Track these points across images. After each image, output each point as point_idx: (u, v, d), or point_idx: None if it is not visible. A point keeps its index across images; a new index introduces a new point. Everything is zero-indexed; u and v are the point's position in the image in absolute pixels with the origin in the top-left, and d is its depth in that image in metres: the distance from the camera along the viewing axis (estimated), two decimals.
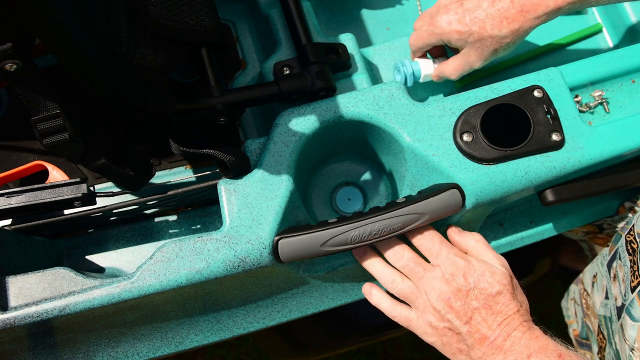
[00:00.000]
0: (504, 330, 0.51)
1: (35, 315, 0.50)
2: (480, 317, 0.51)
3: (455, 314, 0.52)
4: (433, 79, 0.67)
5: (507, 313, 0.51)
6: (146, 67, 0.56)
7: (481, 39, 0.58)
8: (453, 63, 0.63)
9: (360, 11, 0.78)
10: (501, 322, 0.51)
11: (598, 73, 0.62)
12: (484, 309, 0.51)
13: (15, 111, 0.65)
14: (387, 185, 0.68)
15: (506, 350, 0.50)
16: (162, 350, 0.61)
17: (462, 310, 0.51)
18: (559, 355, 0.49)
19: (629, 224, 0.62)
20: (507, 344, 0.50)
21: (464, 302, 0.52)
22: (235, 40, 0.71)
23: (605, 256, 0.66)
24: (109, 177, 0.61)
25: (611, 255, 0.64)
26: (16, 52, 0.45)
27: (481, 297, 0.52)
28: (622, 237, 0.61)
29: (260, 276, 0.57)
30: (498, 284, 0.52)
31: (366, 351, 1.37)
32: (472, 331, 0.51)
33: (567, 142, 0.57)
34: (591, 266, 0.72)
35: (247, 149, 0.57)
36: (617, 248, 0.62)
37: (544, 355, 0.49)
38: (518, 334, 0.51)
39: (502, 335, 0.51)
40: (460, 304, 0.52)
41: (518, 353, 0.50)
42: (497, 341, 0.51)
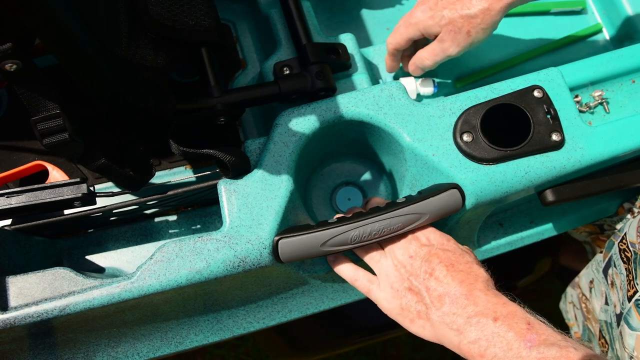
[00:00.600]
0: (466, 289, 0.47)
1: (35, 315, 0.50)
2: (441, 274, 0.49)
3: (416, 272, 0.50)
4: (410, 70, 0.67)
5: (470, 273, 0.49)
6: (146, 67, 0.56)
7: (452, 20, 0.59)
8: (428, 48, 0.63)
9: (360, 11, 0.78)
10: (463, 280, 0.48)
11: (598, 73, 0.62)
12: (445, 266, 0.49)
13: (15, 111, 0.65)
14: (387, 185, 0.68)
15: (469, 312, 0.46)
16: (162, 350, 0.61)
17: (423, 267, 0.50)
18: (527, 322, 0.45)
19: (620, 231, 0.61)
20: (469, 304, 0.47)
21: (426, 259, 0.50)
22: (235, 40, 0.71)
23: (599, 262, 0.66)
24: (109, 177, 0.61)
25: (605, 262, 0.64)
26: (16, 52, 0.45)
27: (443, 255, 0.50)
28: (614, 244, 0.61)
29: (260, 276, 0.57)
30: (461, 249, 0.52)
31: (366, 351, 1.37)
32: (432, 288, 0.49)
33: (567, 142, 0.57)
34: (586, 271, 0.72)
35: (247, 149, 0.57)
36: (611, 255, 0.62)
37: (512, 320, 0.45)
38: (482, 295, 0.47)
39: (463, 293, 0.47)
40: (421, 262, 0.50)
41: (482, 315, 0.46)
42: (459, 299, 0.47)
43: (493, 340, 0.44)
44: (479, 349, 0.45)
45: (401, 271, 0.51)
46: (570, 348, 0.42)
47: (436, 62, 0.63)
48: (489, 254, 0.70)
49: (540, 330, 0.44)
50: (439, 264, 0.50)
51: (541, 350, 0.42)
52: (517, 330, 0.44)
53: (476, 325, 0.45)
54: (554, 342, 0.43)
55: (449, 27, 0.60)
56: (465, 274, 0.49)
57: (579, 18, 0.78)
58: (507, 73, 0.74)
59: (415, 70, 0.66)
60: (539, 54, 0.75)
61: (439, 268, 0.49)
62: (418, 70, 0.66)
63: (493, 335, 0.44)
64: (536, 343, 0.43)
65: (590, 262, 0.71)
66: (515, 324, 0.45)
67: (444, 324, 0.47)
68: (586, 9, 0.78)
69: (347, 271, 0.55)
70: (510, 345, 0.43)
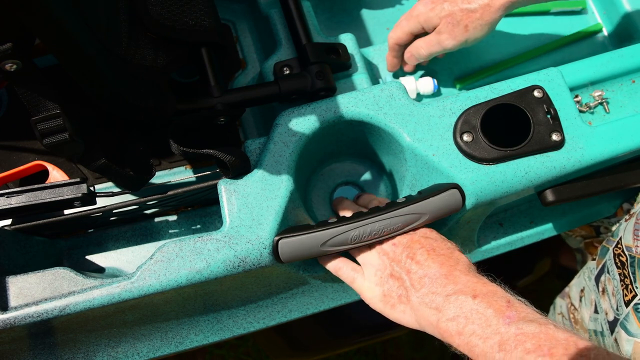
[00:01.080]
0: (446, 270, 0.47)
1: (35, 315, 0.50)
2: (422, 258, 0.49)
3: (398, 258, 0.50)
4: (406, 57, 0.67)
5: (451, 257, 0.49)
6: (146, 67, 0.56)
7: (452, 13, 0.60)
8: (425, 38, 0.64)
9: (360, 11, 0.78)
10: (444, 263, 0.48)
11: (598, 73, 0.62)
12: (426, 251, 0.49)
13: (15, 111, 0.65)
14: (387, 185, 0.68)
15: (448, 290, 0.46)
16: (162, 350, 0.61)
17: (404, 252, 0.50)
18: (507, 301, 0.44)
19: (614, 236, 0.61)
20: (449, 283, 0.47)
21: (407, 245, 0.51)
22: (235, 40, 0.71)
23: (592, 270, 0.66)
24: (109, 177, 0.61)
25: (599, 269, 0.64)
26: (16, 52, 0.45)
27: (424, 241, 0.50)
28: (609, 250, 0.61)
29: (261, 276, 0.57)
30: (442, 238, 0.52)
31: (366, 351, 1.37)
32: (412, 271, 0.49)
33: (567, 142, 0.57)
34: (577, 280, 0.71)
35: (247, 149, 0.57)
36: (605, 261, 0.62)
37: (491, 299, 0.44)
38: (462, 275, 0.47)
39: (443, 274, 0.47)
40: (403, 248, 0.51)
41: (461, 292, 0.45)
42: (439, 280, 0.47)
43: (472, 317, 0.44)
44: (457, 325, 0.44)
45: (383, 259, 0.52)
46: (549, 325, 0.41)
47: (431, 52, 0.64)
48: (489, 254, 0.70)
49: (520, 308, 0.44)
50: (420, 249, 0.50)
51: (520, 325, 0.42)
52: (496, 307, 0.43)
53: (455, 302, 0.45)
54: (533, 319, 0.42)
55: (447, 19, 0.61)
56: (446, 257, 0.49)
57: (579, 18, 0.78)
58: (507, 73, 0.74)
59: (410, 59, 0.67)
60: (539, 54, 0.75)
61: (420, 252, 0.50)
62: (413, 59, 0.67)
63: (472, 312, 0.44)
64: (515, 319, 0.42)
65: (582, 270, 0.70)
66: (494, 301, 0.44)
67: (423, 303, 0.47)
68: (586, 9, 0.78)
69: (331, 262, 0.55)
70: (489, 322, 0.43)
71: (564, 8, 0.76)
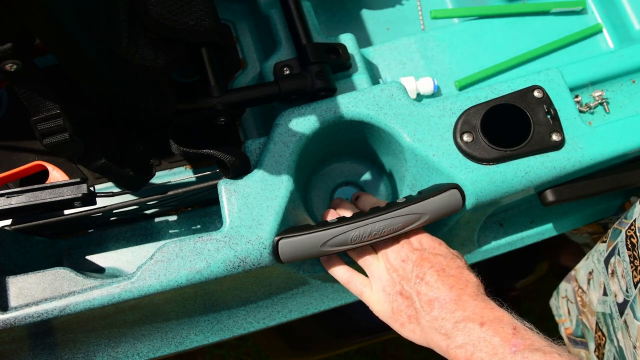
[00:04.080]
0: (455, 294, 0.48)
1: (35, 316, 0.50)
2: (432, 279, 0.49)
3: (407, 277, 0.51)
4: None
5: (460, 278, 0.49)
6: (146, 67, 0.56)
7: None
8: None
9: (360, 11, 0.78)
10: (453, 285, 0.49)
11: (598, 73, 0.62)
12: (436, 271, 0.50)
13: (15, 111, 0.65)
14: (387, 185, 0.68)
15: (457, 316, 0.47)
16: (162, 350, 0.61)
17: (414, 271, 0.50)
18: (514, 327, 0.45)
19: (628, 218, 0.61)
20: (458, 309, 0.47)
21: (417, 263, 0.51)
22: (235, 40, 0.71)
23: (602, 252, 0.66)
24: (109, 177, 0.61)
25: (609, 251, 0.63)
26: (16, 52, 0.45)
27: (434, 260, 0.51)
28: (622, 232, 0.61)
29: (261, 276, 0.57)
30: (452, 254, 0.52)
31: (366, 351, 1.37)
32: (422, 292, 0.49)
33: (567, 142, 0.57)
34: (585, 263, 0.71)
35: (247, 149, 0.57)
36: (617, 243, 0.62)
37: (498, 326, 0.46)
38: (470, 300, 0.48)
39: (452, 299, 0.48)
40: (413, 266, 0.51)
41: (469, 320, 0.46)
42: (448, 305, 0.48)
43: (479, 345, 0.45)
44: (465, 353, 0.46)
45: (393, 275, 0.52)
46: (554, 354, 0.42)
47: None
48: (489, 254, 0.70)
49: (526, 335, 0.45)
50: (430, 269, 0.50)
51: (525, 354, 0.43)
52: (502, 335, 0.45)
53: (463, 329, 0.46)
54: (538, 347, 0.43)
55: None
56: (456, 279, 0.50)
57: (579, 18, 0.78)
58: (507, 73, 0.74)
59: None
60: (539, 54, 0.75)
61: (430, 273, 0.50)
62: None
63: (479, 340, 0.45)
64: (521, 348, 0.43)
65: (590, 252, 0.70)
66: (501, 328, 0.45)
67: (433, 328, 0.48)
68: (586, 9, 0.77)
69: (340, 273, 0.56)
70: (496, 350, 0.44)
71: (564, 8, 0.76)
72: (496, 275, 1.07)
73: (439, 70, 0.72)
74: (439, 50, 0.72)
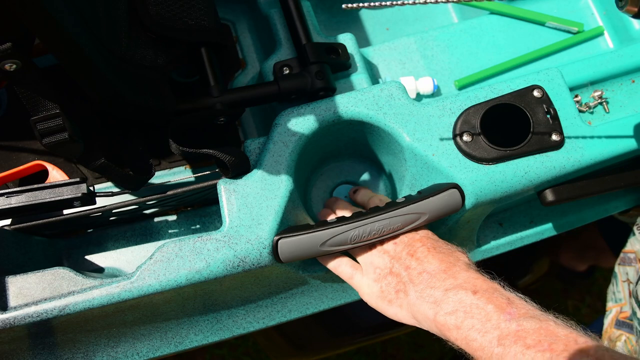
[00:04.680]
0: (445, 265, 0.47)
1: (35, 315, 0.50)
2: (422, 254, 0.49)
3: (398, 255, 0.50)
4: None
5: (451, 254, 0.49)
6: (146, 67, 0.56)
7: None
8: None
9: (360, 11, 0.78)
10: (443, 259, 0.48)
11: (598, 73, 0.62)
12: (427, 248, 0.50)
13: (15, 111, 0.65)
14: (386, 185, 0.68)
15: (447, 284, 0.46)
16: (161, 350, 0.61)
17: (405, 249, 0.50)
18: (508, 298, 0.44)
19: None
20: (448, 278, 0.46)
21: (408, 243, 0.51)
22: (235, 40, 0.71)
23: None
24: (109, 177, 0.61)
25: None
26: (16, 51, 0.45)
27: (426, 240, 0.51)
28: None
29: (260, 276, 0.57)
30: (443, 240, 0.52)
31: (366, 351, 1.37)
32: (412, 266, 0.49)
33: (567, 142, 0.57)
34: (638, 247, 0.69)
35: (247, 149, 0.57)
36: None
37: (492, 295, 0.44)
38: (462, 271, 0.46)
39: (442, 269, 0.47)
40: (404, 246, 0.51)
41: (461, 287, 0.45)
42: (438, 275, 0.46)
43: (471, 312, 0.43)
44: (455, 320, 0.44)
45: (384, 257, 0.52)
46: (550, 321, 0.41)
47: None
48: (488, 254, 0.70)
49: (521, 305, 0.44)
50: (421, 246, 0.50)
51: (520, 322, 0.42)
52: (497, 303, 0.43)
53: (454, 296, 0.45)
54: (534, 315, 0.42)
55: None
56: (447, 255, 0.49)
57: (579, 18, 0.77)
58: (507, 74, 0.74)
59: None
60: (540, 55, 0.74)
61: (420, 249, 0.50)
62: None
63: (472, 306, 0.44)
64: (516, 316, 0.42)
65: None
66: (495, 297, 0.44)
67: (421, 298, 0.47)
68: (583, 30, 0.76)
69: (330, 259, 0.55)
70: (489, 317, 0.43)
71: (561, 25, 0.75)
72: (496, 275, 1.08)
73: (438, 70, 0.72)
74: (439, 50, 0.72)
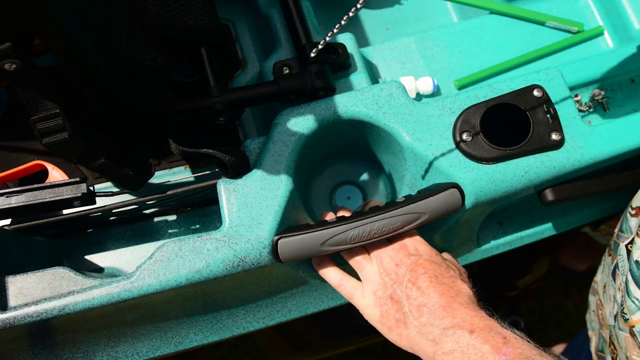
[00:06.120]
0: (445, 301, 0.47)
1: (35, 315, 0.50)
2: (423, 284, 0.49)
3: (400, 280, 0.50)
4: None
5: (452, 287, 0.49)
6: (146, 67, 0.56)
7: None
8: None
9: (360, 11, 0.78)
10: (444, 293, 0.48)
11: (598, 72, 0.62)
12: (428, 277, 0.49)
13: (15, 111, 0.65)
14: (386, 184, 0.68)
15: (446, 323, 0.46)
16: (161, 350, 0.61)
17: (407, 275, 0.50)
18: (504, 337, 0.44)
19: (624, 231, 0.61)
20: (447, 316, 0.46)
21: (411, 268, 0.50)
22: (235, 40, 0.71)
23: (609, 265, 0.66)
24: (109, 177, 0.61)
25: (614, 264, 0.63)
26: (16, 51, 0.45)
27: (428, 266, 0.50)
28: (619, 246, 0.61)
29: (260, 276, 0.57)
30: (447, 264, 0.51)
31: (366, 351, 1.37)
32: (412, 297, 0.49)
33: (567, 141, 0.57)
34: (602, 276, 0.71)
35: (247, 149, 0.57)
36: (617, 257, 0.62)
37: (488, 334, 0.44)
38: (460, 308, 0.47)
39: (442, 305, 0.47)
40: (406, 270, 0.50)
41: (459, 327, 0.45)
42: (437, 311, 0.47)
43: (468, 352, 0.44)
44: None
45: (385, 279, 0.51)
46: None
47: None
48: (488, 254, 0.70)
49: (517, 344, 0.44)
50: (423, 274, 0.50)
51: None
52: (492, 344, 0.44)
53: (452, 336, 0.45)
54: (529, 356, 0.42)
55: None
56: (448, 287, 0.49)
57: (579, 18, 0.77)
58: (507, 73, 0.74)
59: None
60: (540, 55, 0.74)
61: (422, 278, 0.50)
62: None
63: (468, 347, 0.44)
64: (511, 356, 0.42)
65: (601, 266, 0.70)
66: (491, 337, 0.44)
67: (421, 334, 0.47)
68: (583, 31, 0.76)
69: (332, 276, 0.55)
70: (485, 358, 0.43)
71: (561, 25, 0.75)
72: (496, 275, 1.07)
73: (438, 70, 0.72)
74: (439, 49, 0.72)
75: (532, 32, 0.76)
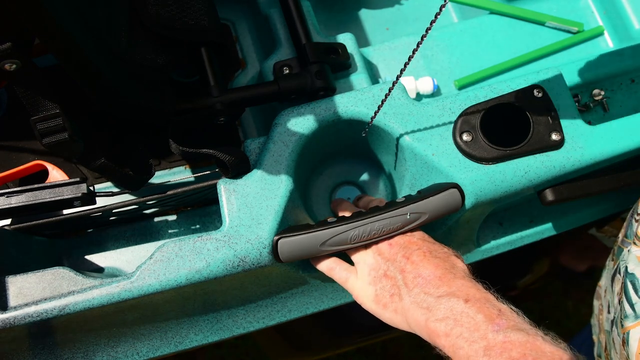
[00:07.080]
0: (441, 272, 0.47)
1: (35, 315, 0.50)
2: (417, 258, 0.49)
3: (393, 257, 0.50)
4: None
5: (447, 260, 0.49)
6: (146, 67, 0.56)
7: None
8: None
9: (360, 11, 0.78)
10: (439, 265, 0.48)
11: (598, 72, 0.62)
12: (422, 252, 0.49)
13: (15, 111, 0.65)
14: (386, 184, 0.68)
15: (441, 291, 0.46)
16: (161, 350, 0.61)
17: (400, 252, 0.50)
18: (499, 309, 0.44)
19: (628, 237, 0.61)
20: (442, 285, 0.46)
21: (404, 246, 0.50)
22: (235, 40, 0.71)
23: (610, 270, 0.65)
24: (109, 177, 0.61)
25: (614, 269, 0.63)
26: (16, 51, 0.45)
27: (422, 243, 0.50)
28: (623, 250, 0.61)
29: (260, 276, 0.57)
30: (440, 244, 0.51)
31: (366, 351, 1.37)
32: (407, 270, 0.48)
33: (567, 141, 0.57)
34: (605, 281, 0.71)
35: (247, 149, 0.57)
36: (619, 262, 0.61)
37: (483, 305, 0.44)
38: (457, 279, 0.46)
39: (437, 275, 0.47)
40: (399, 248, 0.50)
41: (454, 295, 0.45)
42: (432, 281, 0.46)
43: (461, 320, 0.43)
44: (445, 327, 0.44)
45: (378, 259, 0.51)
46: (538, 336, 0.41)
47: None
48: (488, 254, 0.70)
49: (511, 317, 0.43)
50: (416, 250, 0.50)
51: (508, 334, 0.41)
52: (486, 314, 0.43)
53: (446, 303, 0.45)
54: (522, 328, 0.42)
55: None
56: (442, 261, 0.49)
57: (579, 18, 0.77)
58: (507, 74, 0.74)
59: None
60: (540, 55, 0.75)
61: (416, 253, 0.49)
62: None
63: (462, 314, 0.44)
64: (504, 327, 0.42)
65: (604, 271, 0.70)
66: (486, 307, 0.44)
67: (415, 303, 0.47)
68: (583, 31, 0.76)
69: (324, 262, 0.55)
70: (478, 326, 0.43)
71: (560, 25, 0.75)
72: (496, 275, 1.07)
73: (438, 70, 0.73)
74: (439, 50, 0.72)
75: (532, 32, 0.76)
